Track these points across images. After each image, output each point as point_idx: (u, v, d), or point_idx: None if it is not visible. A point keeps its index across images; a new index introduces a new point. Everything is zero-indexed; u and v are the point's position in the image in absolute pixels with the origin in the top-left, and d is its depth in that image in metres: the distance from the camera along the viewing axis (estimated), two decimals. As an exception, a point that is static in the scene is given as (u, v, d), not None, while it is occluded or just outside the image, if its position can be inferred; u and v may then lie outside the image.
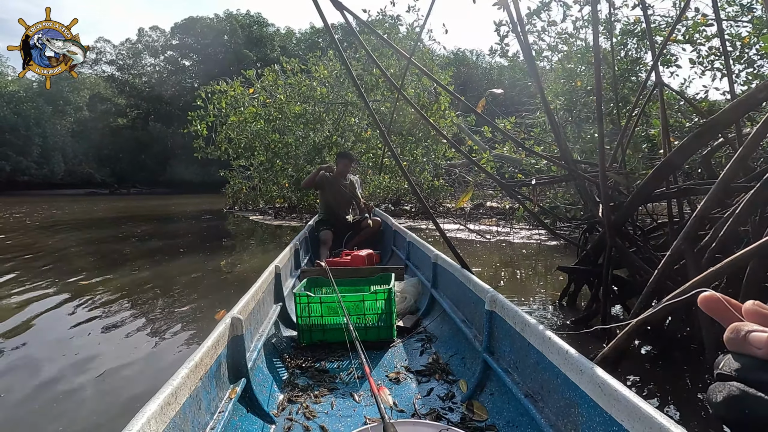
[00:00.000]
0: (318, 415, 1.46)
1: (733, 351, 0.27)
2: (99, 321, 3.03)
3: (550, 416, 1.14)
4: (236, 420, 1.29)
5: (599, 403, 0.91)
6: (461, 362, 1.79)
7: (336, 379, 1.72)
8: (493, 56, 7.92)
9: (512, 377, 1.37)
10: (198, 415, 1.06)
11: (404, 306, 2.47)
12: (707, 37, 5.45)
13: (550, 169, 5.27)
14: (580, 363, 1.00)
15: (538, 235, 6.93)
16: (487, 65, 34.18)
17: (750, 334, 0.26)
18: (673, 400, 2.01)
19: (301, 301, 1.98)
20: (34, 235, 7.71)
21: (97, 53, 35.28)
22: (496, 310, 1.52)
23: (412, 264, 3.12)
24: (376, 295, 2.03)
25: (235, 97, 9.95)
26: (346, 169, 4.11)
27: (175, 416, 0.92)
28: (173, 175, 32.09)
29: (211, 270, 4.75)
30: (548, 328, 1.21)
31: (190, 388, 1.02)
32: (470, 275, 1.88)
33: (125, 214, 12.83)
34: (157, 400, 0.87)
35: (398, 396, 1.59)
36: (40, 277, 4.32)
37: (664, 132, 2.81)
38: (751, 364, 0.25)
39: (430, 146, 9.74)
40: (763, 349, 0.25)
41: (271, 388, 1.60)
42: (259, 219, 10.26)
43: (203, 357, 1.12)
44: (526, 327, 1.28)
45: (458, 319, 1.94)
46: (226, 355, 1.31)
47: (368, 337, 2.02)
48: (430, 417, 1.43)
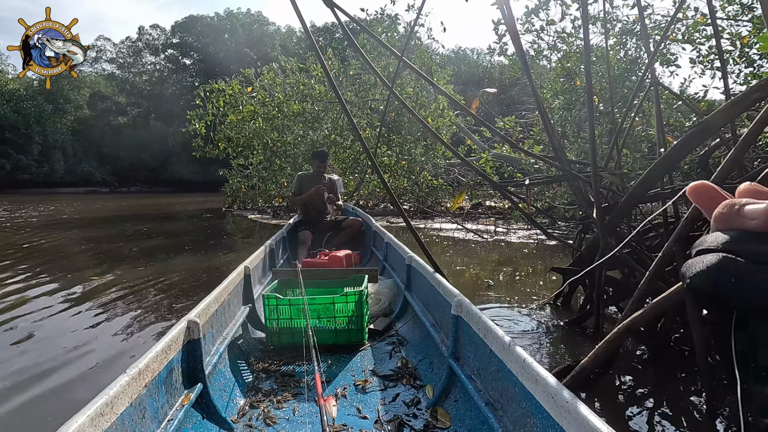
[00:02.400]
0: (278, 421, 1.42)
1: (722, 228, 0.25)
2: (98, 316, 3.04)
3: (508, 425, 1.12)
4: (188, 427, 1.25)
5: (552, 414, 0.89)
6: (429, 367, 1.76)
7: (301, 384, 1.67)
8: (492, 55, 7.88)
9: (475, 384, 1.35)
10: (140, 424, 1.01)
11: (378, 308, 2.42)
12: (707, 36, 5.43)
13: (549, 169, 5.26)
14: (536, 373, 0.98)
15: (537, 235, 6.91)
16: (487, 64, 34.12)
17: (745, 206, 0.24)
18: (667, 403, 2.00)
19: (269, 303, 1.93)
20: (37, 233, 7.71)
21: (98, 51, 35.33)
22: (462, 315, 1.49)
23: (389, 265, 3.06)
24: (347, 297, 1.98)
25: (233, 96, 9.93)
26: (322, 169, 4.06)
27: (109, 427, 0.87)
28: (173, 174, 32.16)
29: (210, 267, 4.75)
30: (509, 335, 1.19)
31: (131, 397, 0.97)
32: (440, 278, 1.85)
33: (126, 212, 12.84)
34: (87, 411, 0.82)
35: (363, 402, 1.56)
36: (44, 273, 4.31)
37: (660, 132, 2.79)
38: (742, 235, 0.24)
39: (429, 145, 9.72)
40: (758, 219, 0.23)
41: (232, 393, 1.56)
42: (257, 218, 10.25)
43: (149, 363, 1.07)
44: (489, 333, 1.26)
45: (428, 322, 1.91)
46: (179, 360, 1.26)
47: (338, 341, 1.98)
48: (392, 423, 1.41)
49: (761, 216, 0.23)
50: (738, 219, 0.24)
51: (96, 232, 8.30)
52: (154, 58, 36.71)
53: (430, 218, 9.55)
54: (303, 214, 4.15)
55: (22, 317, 3.09)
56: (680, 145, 2.25)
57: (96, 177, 31.97)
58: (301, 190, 4.03)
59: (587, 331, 2.69)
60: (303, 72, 10.07)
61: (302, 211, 4.17)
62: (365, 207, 10.44)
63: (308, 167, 4.17)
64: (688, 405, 1.98)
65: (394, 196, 2.29)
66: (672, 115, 5.64)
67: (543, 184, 5.13)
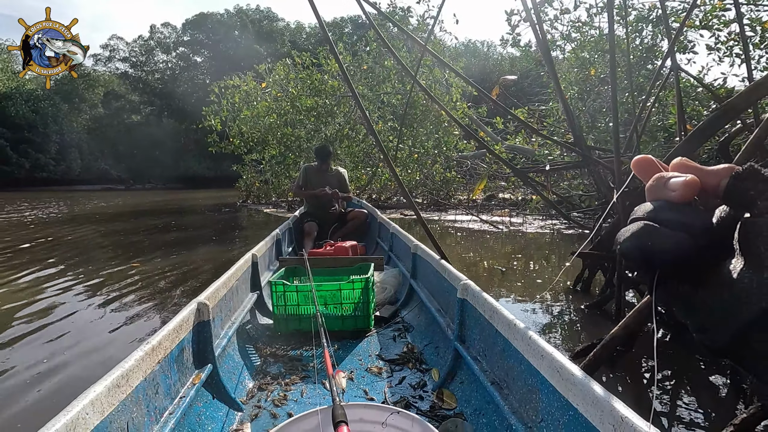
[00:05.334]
0: (287, 402, 1.45)
1: (651, 199, 0.28)
2: (118, 307, 3.15)
3: (513, 403, 1.14)
4: (199, 406, 1.28)
5: (557, 388, 0.91)
6: (435, 351, 1.80)
7: (308, 367, 1.71)
8: (505, 46, 7.84)
9: (480, 365, 1.37)
10: (154, 399, 1.04)
11: (384, 296, 2.46)
12: (725, 22, 5.35)
13: (564, 161, 5.26)
14: (541, 348, 0.99)
15: (552, 225, 6.92)
16: (498, 56, 33.79)
17: (669, 179, 0.27)
18: (688, 383, 2.04)
19: (277, 289, 1.95)
20: (58, 228, 7.95)
21: (111, 51, 35.81)
22: (468, 298, 1.51)
23: (394, 255, 3.10)
24: (354, 284, 1.99)
25: (247, 92, 10.06)
26: (325, 164, 4.11)
27: (125, 399, 0.90)
28: (186, 170, 32.57)
29: (232, 258, 4.87)
30: (514, 315, 1.21)
31: (145, 371, 0.99)
32: (446, 264, 1.88)
33: (146, 208, 13.10)
34: (104, 381, 0.85)
35: (369, 385, 1.59)
36: (76, 265, 4.48)
37: (680, 117, 2.81)
38: (662, 206, 0.26)
39: (441, 138, 9.74)
40: (677, 191, 0.26)
41: (241, 376, 1.59)
42: (272, 211, 10.41)
43: (162, 341, 1.09)
44: (494, 314, 1.28)
45: (434, 308, 1.94)
46: (190, 340, 1.29)
47: (345, 327, 2.00)
48: (399, 405, 1.42)
49: (680, 188, 0.26)
50: (663, 190, 0.27)
51: (121, 225, 8.51)
52: (166, 56, 37.09)
53: (444, 210, 9.58)
54: (309, 206, 4.21)
55: (45, 303, 3.24)
56: (703, 128, 2.27)
57: (111, 174, 32.57)
58: (306, 182, 4.10)
59: (608, 315, 2.73)
60: (315, 67, 10.14)
61: (308, 203, 4.23)
62: (377, 200, 10.51)
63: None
64: (709, 385, 2.03)
65: (405, 189, 2.34)
66: (689, 104, 5.58)
67: (564, 170, 5.13)
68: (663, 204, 0.27)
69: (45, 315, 2.97)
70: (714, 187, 0.27)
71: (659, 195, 0.27)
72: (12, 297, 3.39)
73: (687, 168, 0.28)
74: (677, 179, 0.27)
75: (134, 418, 0.93)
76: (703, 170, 0.28)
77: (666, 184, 0.27)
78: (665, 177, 0.27)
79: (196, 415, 1.23)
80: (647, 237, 0.26)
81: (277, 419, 1.36)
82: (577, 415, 0.83)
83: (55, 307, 3.14)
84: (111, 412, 0.84)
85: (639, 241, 0.26)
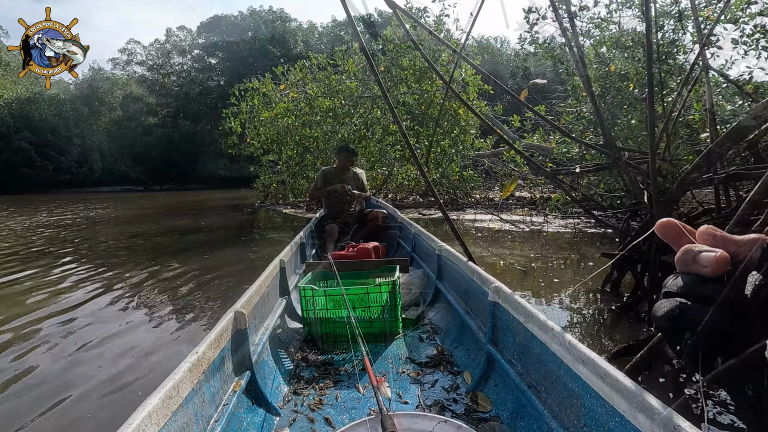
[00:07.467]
0: (323, 407, 1.48)
1: (682, 271, 0.28)
2: (143, 309, 3.23)
3: (553, 407, 1.14)
4: (241, 412, 1.31)
5: (601, 394, 0.90)
6: (465, 354, 1.80)
7: (341, 371, 1.72)
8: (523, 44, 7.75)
9: (515, 368, 1.37)
10: (202, 408, 1.08)
11: (409, 298, 2.46)
12: (751, 15, 5.24)
13: (583, 158, 5.22)
14: (582, 354, 0.99)
15: (574, 224, 6.87)
16: (511, 52, 33.48)
17: (700, 254, 0.27)
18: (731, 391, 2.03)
19: (306, 294, 1.98)
20: (85, 229, 8.21)
21: (129, 54, 36.61)
22: (500, 301, 1.52)
23: (418, 256, 3.11)
24: (381, 287, 2.00)
25: (266, 94, 10.20)
26: (347, 163, 4.13)
27: (177, 409, 0.93)
28: (203, 171, 33.13)
29: (259, 259, 4.98)
30: (551, 319, 1.20)
31: (193, 382, 1.03)
32: (475, 267, 1.87)
33: (168, 208, 13.41)
34: (158, 393, 0.88)
35: (403, 388, 1.58)
36: (105, 265, 4.65)
37: (711, 116, 2.78)
38: (694, 281, 0.27)
39: (458, 137, 9.73)
40: (709, 267, 0.26)
41: (276, 381, 1.62)
42: (291, 212, 10.56)
43: (206, 351, 1.14)
44: (530, 318, 1.28)
45: (462, 310, 1.95)
46: (229, 348, 1.33)
47: (373, 330, 2.02)
48: (434, 408, 1.44)
49: (711, 264, 0.26)
50: (694, 264, 0.27)
51: (153, 226, 8.72)
52: (182, 59, 37.75)
53: (462, 210, 9.59)
54: (328, 207, 4.22)
55: (71, 302, 3.37)
56: (741, 126, 2.26)
57: (131, 176, 33.33)
58: (325, 185, 4.11)
59: (641, 316, 2.73)
60: (332, 67, 10.22)
61: (327, 205, 4.24)
62: (394, 200, 10.55)
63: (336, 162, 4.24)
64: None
65: (432, 187, 2.36)
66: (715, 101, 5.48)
67: (594, 172, 5.09)
68: (695, 279, 0.27)
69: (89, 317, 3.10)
70: (743, 255, 0.27)
71: (690, 269, 0.28)
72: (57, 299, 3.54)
73: (714, 238, 0.28)
74: (708, 255, 0.27)
75: (185, 427, 0.97)
76: (732, 240, 0.28)
77: (697, 258, 0.27)
78: (695, 251, 0.28)
79: (238, 422, 1.28)
80: (681, 314, 0.27)
81: (314, 423, 1.39)
82: (625, 422, 0.83)
83: (105, 307, 3.27)
84: (165, 423, 0.88)
85: (675, 318, 0.27)
